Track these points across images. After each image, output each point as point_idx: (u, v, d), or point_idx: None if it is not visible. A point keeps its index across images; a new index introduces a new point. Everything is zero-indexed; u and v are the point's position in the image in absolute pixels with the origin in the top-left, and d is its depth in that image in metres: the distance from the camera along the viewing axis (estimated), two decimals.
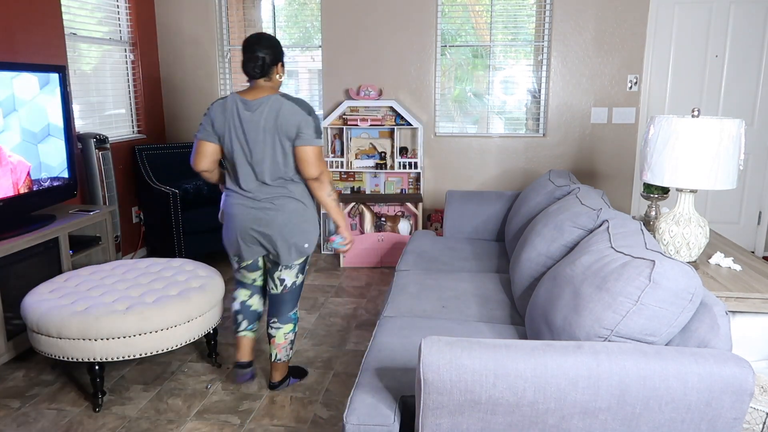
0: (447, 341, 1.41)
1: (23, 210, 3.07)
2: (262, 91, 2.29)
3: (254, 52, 2.27)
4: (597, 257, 1.75)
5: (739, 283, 2.18)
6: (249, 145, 2.28)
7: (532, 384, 1.33)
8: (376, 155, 4.68)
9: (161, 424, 2.35)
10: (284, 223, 2.34)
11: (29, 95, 3.03)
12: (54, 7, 3.63)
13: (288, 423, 2.36)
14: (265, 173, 2.30)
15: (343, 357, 2.93)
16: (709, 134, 2.11)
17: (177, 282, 2.67)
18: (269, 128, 2.26)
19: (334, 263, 4.49)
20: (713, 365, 1.33)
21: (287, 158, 2.30)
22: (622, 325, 1.53)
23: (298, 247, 2.39)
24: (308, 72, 4.93)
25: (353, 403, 1.64)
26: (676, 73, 4.49)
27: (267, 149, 2.28)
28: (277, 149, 2.28)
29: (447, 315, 2.33)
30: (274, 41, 2.33)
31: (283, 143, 2.27)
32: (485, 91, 4.72)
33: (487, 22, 4.60)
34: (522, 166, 4.72)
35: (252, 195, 2.34)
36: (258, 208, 2.34)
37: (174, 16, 4.79)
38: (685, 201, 2.32)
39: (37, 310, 2.39)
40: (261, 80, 2.30)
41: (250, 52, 2.28)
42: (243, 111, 2.27)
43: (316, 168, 2.29)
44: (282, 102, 2.26)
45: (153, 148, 4.54)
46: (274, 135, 2.26)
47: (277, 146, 2.28)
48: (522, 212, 2.98)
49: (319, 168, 2.30)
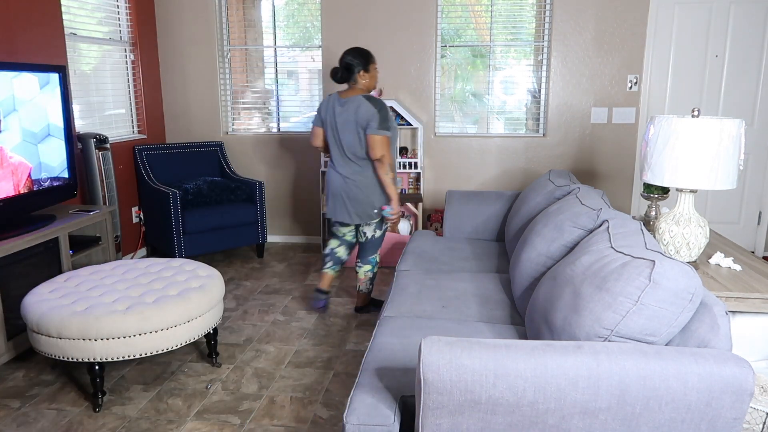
0: (447, 341, 1.41)
1: (23, 210, 3.07)
2: (352, 92, 3.10)
3: (340, 62, 3.10)
4: (597, 257, 1.75)
5: (739, 283, 2.18)
6: (338, 131, 3.10)
7: (532, 384, 1.33)
8: None
9: (161, 424, 2.35)
10: (357, 194, 3.13)
11: (29, 95, 3.03)
12: (54, 7, 3.63)
13: (288, 423, 2.36)
14: (348, 153, 3.11)
15: (343, 357, 2.94)
16: (709, 134, 2.11)
17: (177, 282, 2.67)
18: (351, 120, 3.05)
19: None
20: (713, 365, 1.33)
21: (362, 143, 3.07)
22: (622, 325, 1.53)
23: (368, 212, 3.17)
24: (308, 72, 4.93)
25: (353, 403, 1.64)
26: (676, 73, 4.49)
27: (349, 136, 3.06)
28: (355, 136, 3.06)
29: (447, 315, 2.33)
30: (358, 53, 3.09)
31: (359, 132, 3.05)
32: (485, 91, 4.72)
33: (487, 22, 4.60)
34: (522, 166, 4.72)
35: (340, 169, 3.16)
36: (343, 180, 3.14)
37: (174, 16, 4.80)
38: (685, 201, 2.32)
39: (37, 310, 2.39)
40: (351, 83, 3.11)
41: (339, 62, 3.12)
42: (337, 106, 3.10)
43: (377, 152, 3.02)
44: (362, 101, 3.03)
45: (153, 148, 4.54)
46: (355, 125, 3.04)
47: (355, 134, 3.06)
48: (522, 212, 2.98)
49: (380, 152, 3.02)
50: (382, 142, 3.01)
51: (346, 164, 3.13)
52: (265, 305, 3.63)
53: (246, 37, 4.94)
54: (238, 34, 4.93)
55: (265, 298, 3.75)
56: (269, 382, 2.68)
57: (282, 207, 5.05)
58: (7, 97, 2.88)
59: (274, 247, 4.95)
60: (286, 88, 4.95)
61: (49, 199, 3.23)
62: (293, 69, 4.94)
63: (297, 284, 4.02)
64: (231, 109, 5.01)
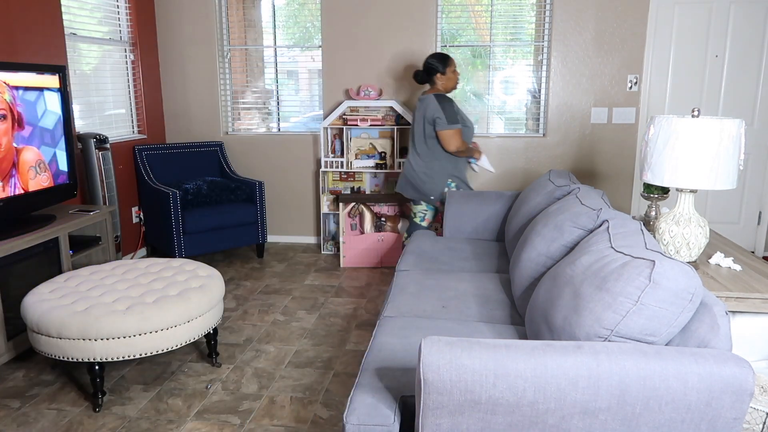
0: (447, 341, 1.41)
1: (23, 210, 3.07)
2: (428, 92, 3.65)
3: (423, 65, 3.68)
4: (597, 257, 1.75)
5: (739, 283, 2.18)
6: (414, 126, 3.70)
7: (532, 384, 1.33)
8: (376, 155, 4.68)
9: (161, 424, 2.35)
10: (418, 181, 3.71)
11: (29, 95, 3.03)
12: (54, 7, 3.63)
13: (288, 423, 2.36)
14: (417, 146, 3.68)
15: (343, 357, 2.94)
16: (709, 134, 2.11)
17: (177, 282, 2.67)
18: (420, 116, 3.61)
19: (335, 263, 4.50)
20: (713, 365, 1.33)
21: (425, 137, 3.63)
22: (622, 325, 1.53)
23: (426, 197, 3.75)
24: (308, 72, 4.93)
25: (353, 403, 1.64)
26: (676, 73, 4.49)
27: (417, 129, 3.65)
28: (421, 130, 3.63)
29: (447, 315, 2.33)
30: (437, 57, 3.60)
31: (425, 127, 3.60)
32: (485, 91, 4.72)
33: (487, 22, 4.60)
34: (522, 166, 4.72)
35: (410, 159, 3.76)
36: (411, 168, 3.74)
37: (174, 16, 4.80)
38: (685, 201, 2.32)
39: (37, 310, 2.39)
40: (430, 84, 3.67)
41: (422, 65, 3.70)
42: (418, 104, 3.68)
43: (448, 146, 3.56)
44: (432, 100, 3.54)
45: (153, 148, 4.54)
46: (423, 121, 3.59)
47: (421, 128, 3.63)
48: (522, 212, 2.98)
49: (452, 145, 3.56)
50: (449, 135, 3.51)
51: (412, 152, 3.75)
52: (265, 305, 3.63)
53: (246, 37, 4.94)
54: (238, 34, 4.93)
55: (265, 298, 3.75)
56: (269, 382, 2.68)
57: (282, 207, 5.05)
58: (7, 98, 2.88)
59: (274, 247, 4.95)
60: (286, 88, 4.95)
61: (49, 199, 3.23)
62: (293, 69, 4.94)
63: (297, 284, 4.02)
64: (231, 109, 5.01)
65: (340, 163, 4.65)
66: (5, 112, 2.86)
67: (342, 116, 4.59)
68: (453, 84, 3.65)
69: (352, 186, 4.77)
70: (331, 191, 4.79)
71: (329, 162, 4.66)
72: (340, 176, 4.77)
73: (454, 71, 3.64)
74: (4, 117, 2.85)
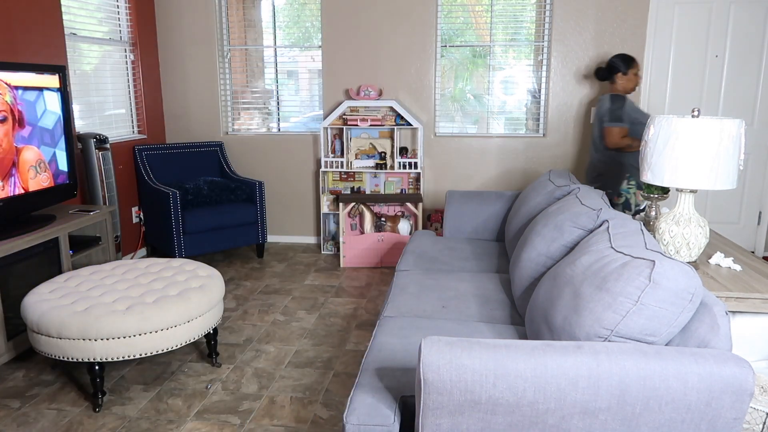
0: (447, 341, 1.41)
1: (23, 210, 3.07)
2: (607, 91, 3.85)
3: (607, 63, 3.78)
4: (597, 257, 1.75)
5: (739, 283, 2.18)
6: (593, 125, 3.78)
7: (532, 384, 1.33)
8: (376, 155, 4.68)
9: (161, 424, 2.35)
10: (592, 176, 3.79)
11: (29, 95, 3.03)
12: (54, 7, 3.63)
13: (288, 423, 2.36)
14: (595, 141, 3.75)
15: (343, 357, 2.94)
16: (709, 134, 2.11)
17: (177, 282, 2.67)
18: (597, 113, 3.70)
19: (334, 263, 4.50)
20: (713, 365, 1.33)
21: (599, 133, 3.69)
22: (622, 325, 1.53)
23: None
24: (308, 72, 4.93)
25: (353, 403, 1.64)
26: (676, 73, 4.49)
27: (595, 124, 3.72)
28: (597, 126, 3.71)
29: (447, 315, 2.33)
30: (621, 57, 3.69)
31: (600, 123, 3.66)
32: (485, 91, 4.72)
33: (487, 22, 4.60)
34: (522, 166, 4.72)
35: (591, 155, 3.82)
36: (590, 162, 3.82)
37: (174, 16, 4.80)
38: (685, 201, 2.32)
39: (37, 310, 2.39)
40: (610, 83, 3.76)
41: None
42: (597, 102, 3.74)
43: (610, 142, 3.60)
44: (606, 99, 3.64)
45: (153, 148, 4.54)
46: (599, 118, 3.68)
47: (597, 124, 3.71)
48: (522, 212, 2.98)
49: (613, 143, 3.58)
50: (612, 132, 3.57)
51: (593, 146, 3.81)
52: (265, 305, 3.63)
53: (246, 37, 4.94)
54: (238, 34, 4.93)
55: (265, 298, 3.75)
56: (269, 382, 2.68)
57: (282, 207, 5.05)
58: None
59: (274, 247, 4.95)
60: (286, 88, 4.95)
61: (49, 199, 3.23)
62: (293, 69, 4.94)
63: (297, 284, 4.02)
64: (231, 109, 5.01)
65: (340, 163, 4.65)
66: (6, 114, 2.86)
67: (342, 116, 4.59)
68: (632, 86, 3.72)
69: (352, 186, 4.77)
70: (331, 191, 4.79)
71: (329, 162, 4.66)
72: (340, 176, 4.77)
73: (636, 74, 3.69)
74: (4, 119, 2.85)
